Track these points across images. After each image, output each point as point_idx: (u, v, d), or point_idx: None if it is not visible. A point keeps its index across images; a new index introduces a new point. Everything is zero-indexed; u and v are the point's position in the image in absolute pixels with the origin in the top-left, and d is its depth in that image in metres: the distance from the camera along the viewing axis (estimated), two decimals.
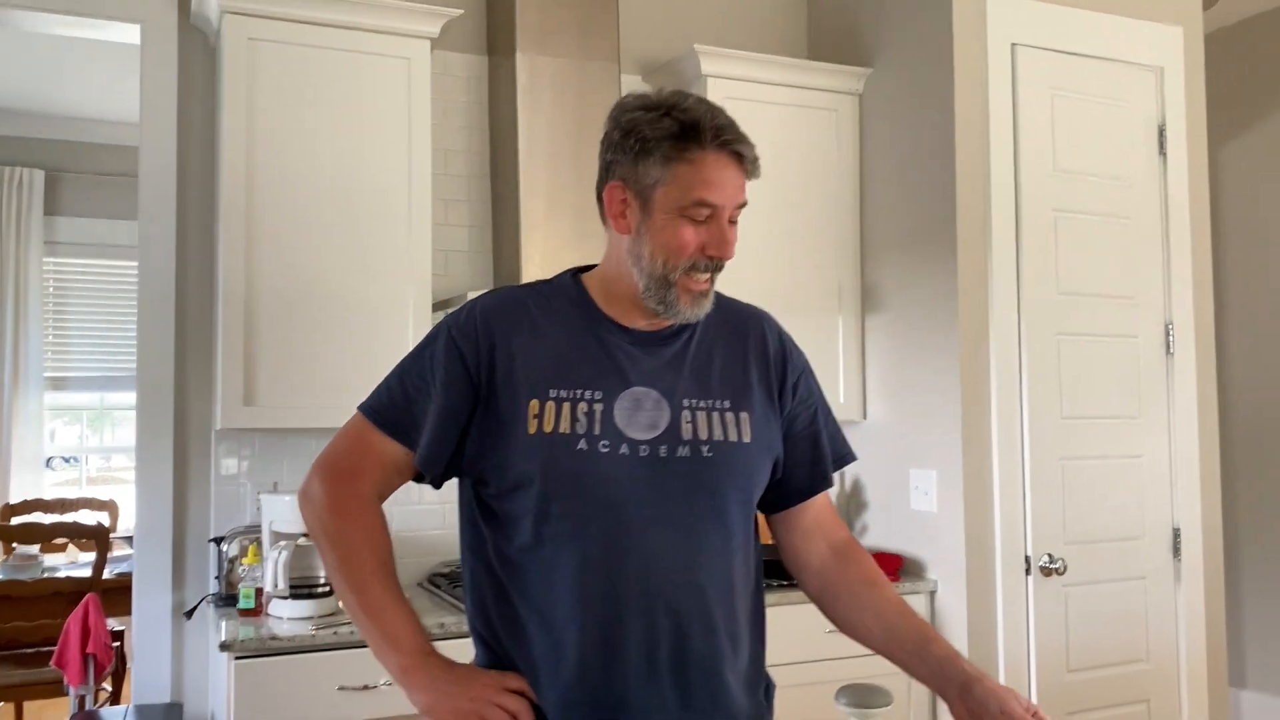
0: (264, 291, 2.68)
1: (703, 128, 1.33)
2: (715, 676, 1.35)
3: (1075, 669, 3.03)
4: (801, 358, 1.54)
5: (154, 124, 2.88)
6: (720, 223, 1.36)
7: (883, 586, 1.45)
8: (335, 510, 1.40)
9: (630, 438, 1.34)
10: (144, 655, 2.80)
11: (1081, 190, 3.13)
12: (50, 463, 6.06)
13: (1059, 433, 3.05)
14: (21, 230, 5.61)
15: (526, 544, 1.34)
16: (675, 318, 1.38)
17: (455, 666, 1.36)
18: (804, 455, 1.49)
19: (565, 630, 1.32)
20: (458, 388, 1.37)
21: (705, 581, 1.34)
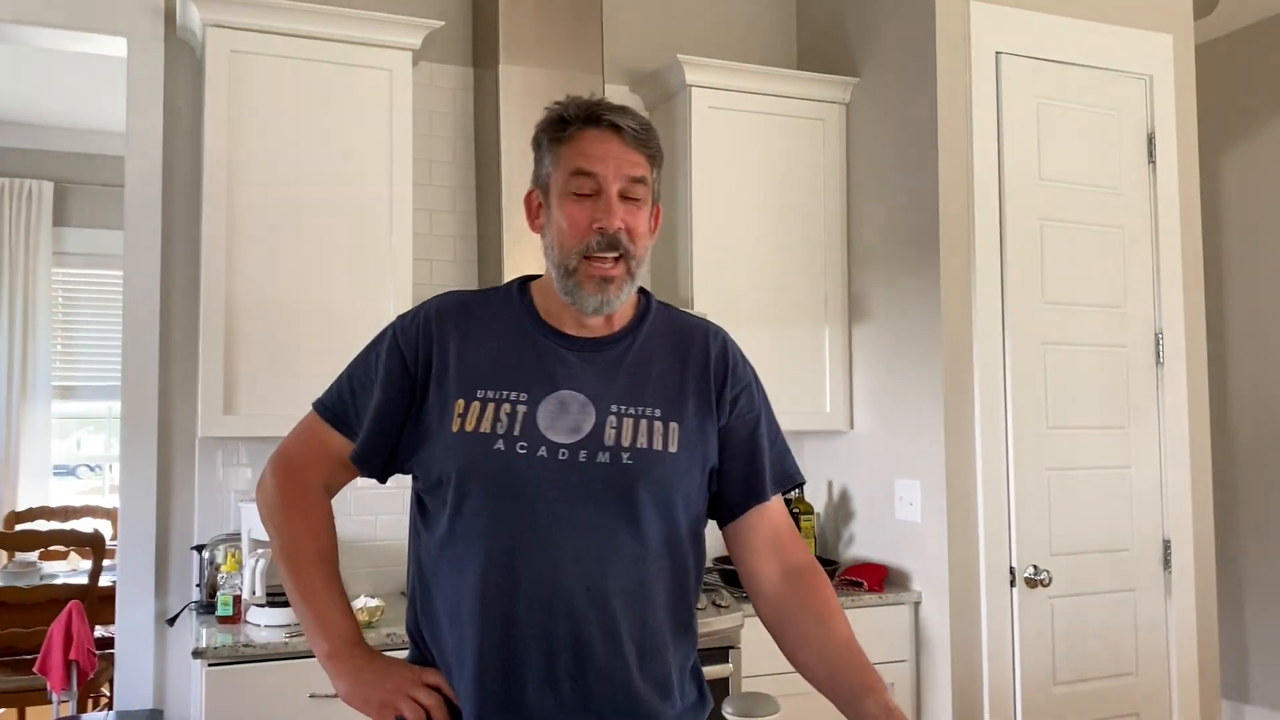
0: (245, 301, 2.70)
1: (578, 109, 1.38)
2: (617, 684, 1.33)
3: (1062, 682, 3.00)
4: (748, 374, 1.51)
5: (140, 136, 2.91)
6: (607, 196, 1.36)
7: (832, 622, 1.40)
8: (283, 502, 1.46)
9: (550, 440, 1.34)
10: (127, 662, 2.82)
11: (1068, 199, 3.11)
12: (76, 470, 6.13)
13: (1044, 443, 3.03)
14: (31, 241, 5.68)
15: (443, 540, 1.36)
16: (584, 309, 1.38)
17: (378, 658, 1.40)
18: (740, 469, 1.47)
19: (468, 628, 1.33)
20: (396, 385, 1.41)
21: (611, 588, 1.32)
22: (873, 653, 2.96)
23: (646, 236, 1.43)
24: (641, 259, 1.41)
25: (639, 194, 1.39)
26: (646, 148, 1.40)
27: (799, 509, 3.34)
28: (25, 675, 3.77)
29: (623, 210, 1.37)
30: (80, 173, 5.80)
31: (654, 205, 1.47)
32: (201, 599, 2.77)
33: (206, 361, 2.67)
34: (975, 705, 2.93)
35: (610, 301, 1.39)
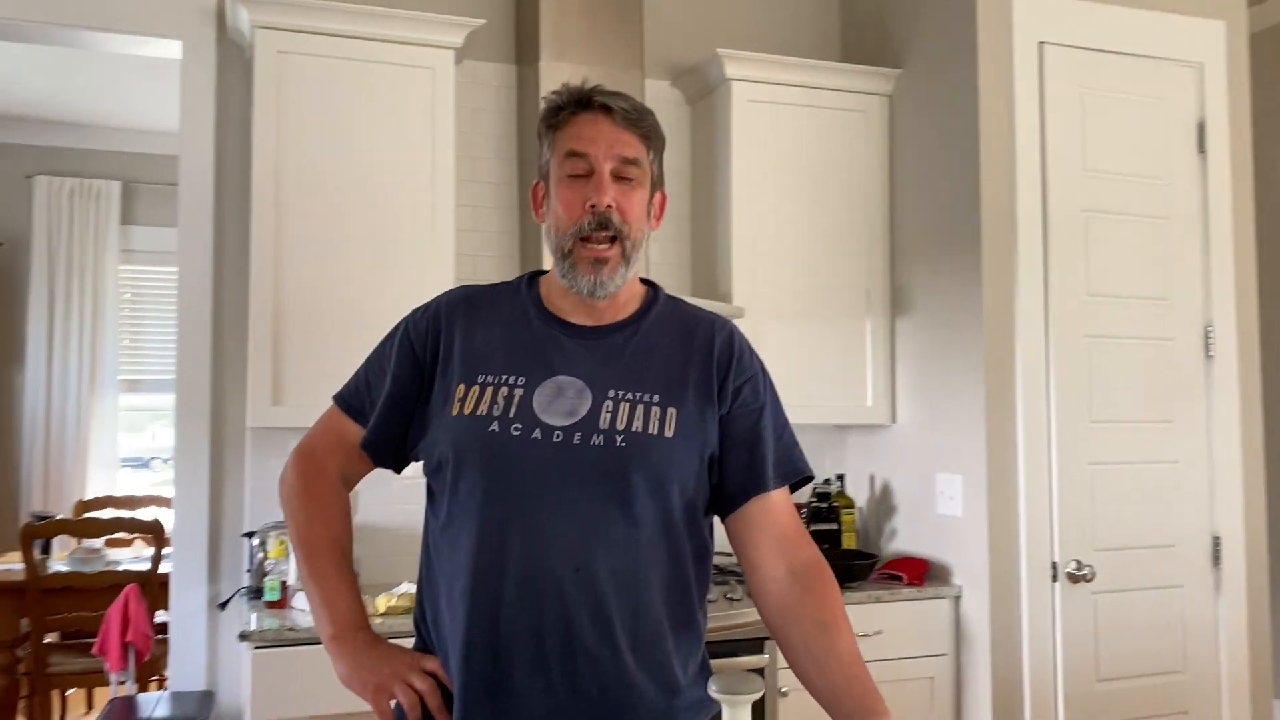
0: (292, 295, 2.77)
1: (570, 95, 1.42)
2: (608, 668, 1.33)
3: (1106, 678, 2.97)
4: (754, 365, 1.50)
5: (193, 136, 3.01)
6: (599, 175, 1.38)
7: (836, 635, 1.36)
8: (301, 490, 1.50)
9: (545, 423, 1.35)
10: (181, 645, 2.92)
11: (1114, 190, 3.07)
12: (149, 463, 6.32)
13: (1088, 437, 2.99)
14: (99, 239, 5.87)
15: (443, 522, 1.39)
16: (579, 291, 1.40)
17: (380, 644, 1.43)
18: (741, 458, 1.45)
19: (459, 608, 1.34)
20: (405, 375, 1.45)
21: (600, 571, 1.32)
22: (912, 646, 2.98)
23: (643, 219, 1.44)
24: (638, 241, 1.42)
25: (632, 174, 1.40)
26: (638, 128, 1.41)
27: (840, 503, 3.34)
28: (92, 658, 3.92)
29: (615, 190, 1.38)
30: (145, 172, 5.97)
31: (655, 192, 1.48)
32: (251, 584, 2.86)
33: (255, 355, 2.75)
34: (1016, 699, 2.91)
35: (604, 284, 1.39)
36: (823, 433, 3.60)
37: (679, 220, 3.49)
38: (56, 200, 5.79)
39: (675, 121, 3.50)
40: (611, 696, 1.33)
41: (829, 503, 3.33)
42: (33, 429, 5.71)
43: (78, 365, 5.77)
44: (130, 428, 6.24)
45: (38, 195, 5.77)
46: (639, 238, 1.43)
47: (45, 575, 3.91)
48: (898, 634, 2.95)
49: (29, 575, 3.83)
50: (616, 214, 1.38)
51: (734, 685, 0.91)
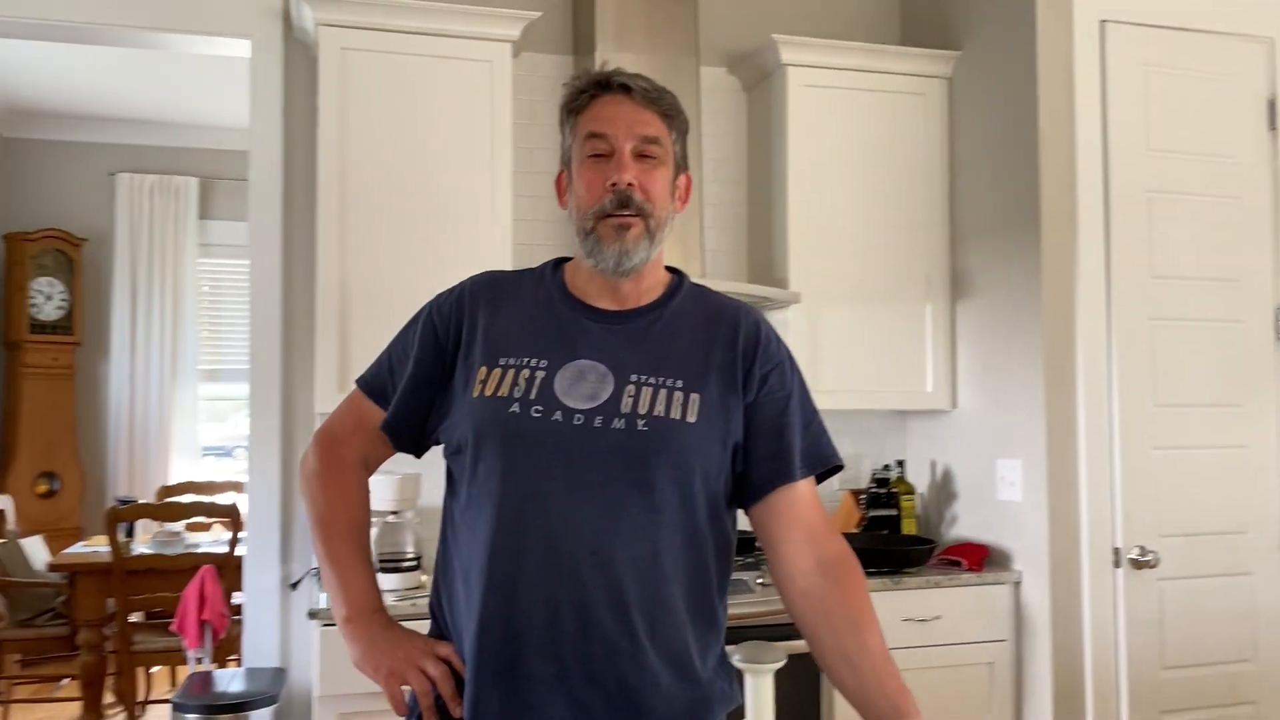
0: (356, 285, 2.85)
1: (589, 79, 1.42)
2: (623, 655, 1.30)
3: (1171, 666, 2.93)
4: (780, 353, 1.47)
5: (262, 132, 3.11)
6: (619, 154, 1.38)
7: (867, 634, 1.34)
8: (321, 473, 1.50)
9: (566, 406, 1.34)
10: (255, 623, 3.03)
11: (1178, 170, 3.01)
12: (232, 452, 6.53)
13: (1152, 421, 2.95)
14: (178, 234, 6.07)
15: (463, 504, 1.38)
16: (605, 265, 1.39)
17: (394, 628, 1.42)
18: (767, 447, 1.42)
19: (475, 591, 1.32)
20: (428, 358, 1.45)
21: (619, 555, 1.30)
22: (971, 632, 2.97)
23: (667, 199, 1.42)
24: (662, 220, 1.41)
25: (654, 153, 1.39)
26: (658, 106, 1.41)
27: (900, 489, 3.34)
28: (174, 636, 4.08)
29: (637, 169, 1.38)
30: (221, 168, 6.16)
31: (680, 173, 1.46)
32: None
33: (322, 343, 2.84)
34: (1077, 686, 2.88)
35: (629, 253, 1.38)
36: (883, 418, 3.59)
37: (736, 206, 3.51)
38: (138, 197, 6.01)
39: (732, 108, 3.51)
40: (628, 684, 1.30)
41: (889, 489, 3.32)
42: (118, 418, 5.93)
43: (159, 356, 5.99)
44: (213, 417, 6.44)
45: (120, 192, 5.99)
46: (663, 216, 1.41)
47: (129, 557, 4.08)
48: (957, 619, 2.94)
49: (114, 557, 3.99)
50: (638, 191, 1.37)
51: (756, 654, 0.93)
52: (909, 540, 3.21)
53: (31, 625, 4.37)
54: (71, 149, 6.01)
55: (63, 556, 4.33)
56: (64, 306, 5.78)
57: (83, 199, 6.01)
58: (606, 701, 1.30)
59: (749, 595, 2.77)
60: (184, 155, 6.14)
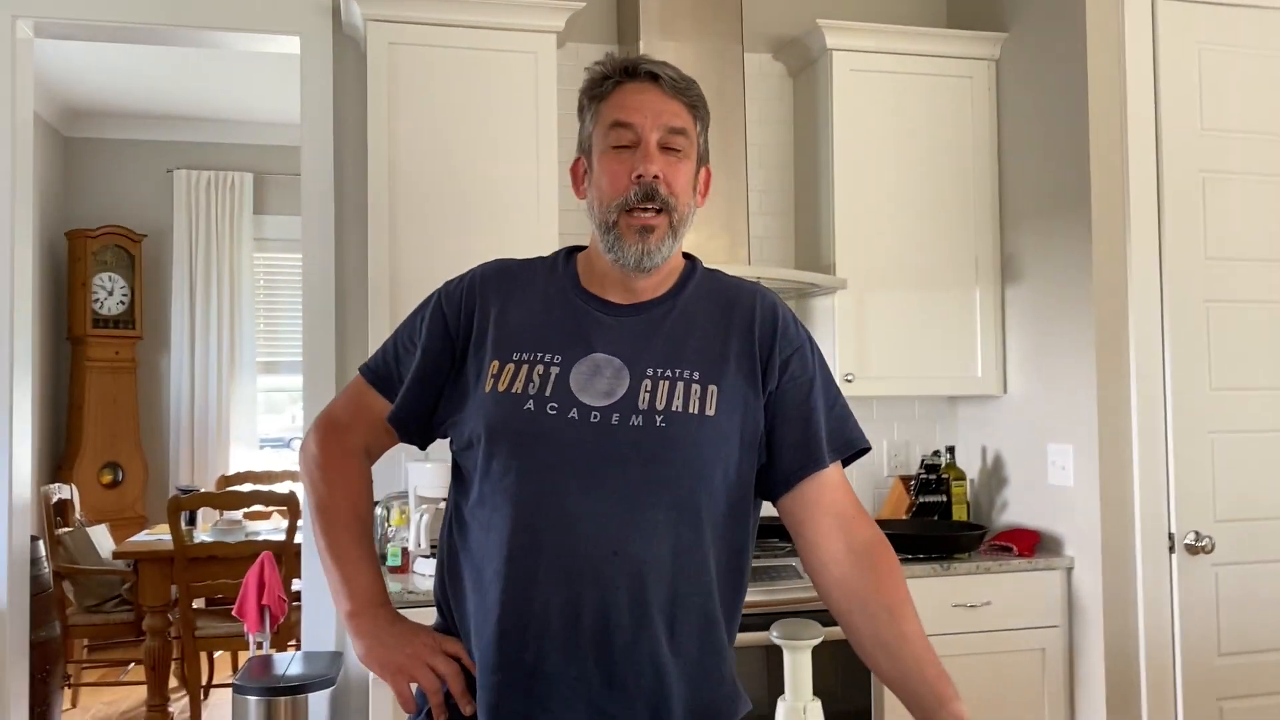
0: (406, 276, 2.90)
1: (615, 64, 1.37)
2: (642, 656, 1.26)
3: (1228, 653, 2.89)
4: (800, 336, 1.42)
5: (313, 127, 3.16)
6: (645, 144, 1.33)
7: (904, 621, 1.29)
8: (323, 463, 1.45)
9: (582, 403, 1.30)
10: (312, 608, 3.10)
11: (1233, 149, 2.96)
12: (290, 443, 6.65)
13: (1208, 405, 2.90)
14: (235, 228, 6.19)
15: (473, 502, 1.34)
16: (625, 263, 1.34)
17: (400, 622, 1.38)
18: (793, 436, 1.37)
19: (490, 591, 1.29)
20: (437, 348, 1.40)
21: (640, 555, 1.26)
22: (1022, 618, 2.96)
23: (689, 193, 1.37)
24: (684, 216, 1.36)
25: (679, 145, 1.35)
26: (686, 96, 1.36)
27: (950, 475, 3.32)
28: (235, 621, 4.18)
29: (662, 162, 1.33)
30: (275, 163, 6.27)
31: (701, 166, 1.42)
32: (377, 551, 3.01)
33: (375, 335, 2.88)
34: (1131, 672, 2.86)
35: (651, 253, 1.33)
36: (932, 404, 3.57)
37: (782, 193, 3.50)
38: (194, 193, 6.13)
39: (777, 95, 3.51)
40: (647, 686, 1.27)
41: (938, 475, 3.31)
42: (178, 409, 6.07)
43: (217, 349, 6.11)
44: (270, 409, 6.57)
45: (177, 189, 6.12)
46: (685, 212, 1.36)
47: (191, 545, 4.18)
48: (1008, 606, 2.92)
49: (176, 545, 4.09)
50: (663, 186, 1.32)
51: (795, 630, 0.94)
52: (959, 526, 3.19)
53: (99, 611, 4.51)
54: (130, 147, 6.15)
55: (127, 545, 4.45)
56: (125, 301, 5.92)
57: (141, 196, 6.15)
58: (627, 704, 1.27)
59: (798, 581, 2.77)
60: (238, 151, 6.26)
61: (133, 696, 4.90)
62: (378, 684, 2.54)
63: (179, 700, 4.76)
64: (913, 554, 2.93)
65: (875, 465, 3.52)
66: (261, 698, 2.77)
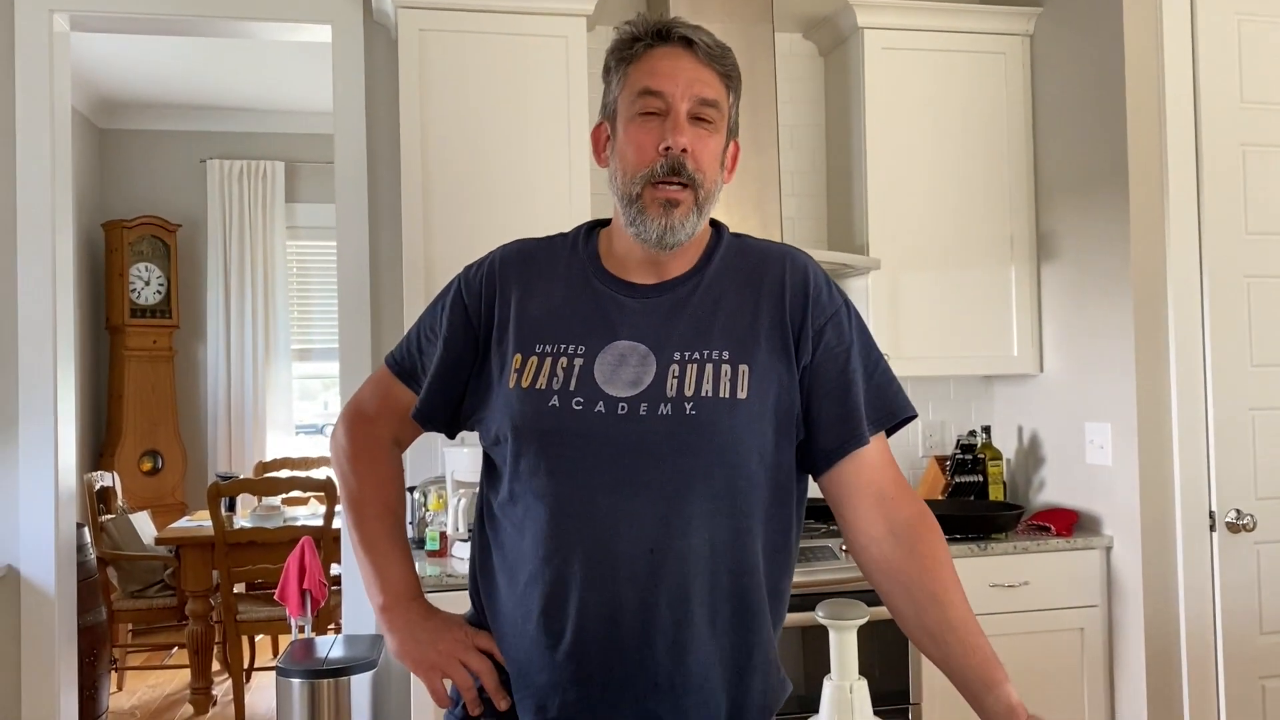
0: (440, 263, 2.91)
1: (647, 26, 1.29)
2: (685, 653, 1.23)
3: (1270, 631, 2.86)
4: (835, 301, 1.34)
5: (346, 115, 3.18)
6: (675, 114, 1.25)
7: (948, 605, 1.24)
8: (352, 454, 1.43)
9: (609, 395, 1.24)
10: (352, 592, 3.14)
11: (1274, 122, 2.91)
12: (324, 429, 6.71)
13: (1249, 381, 2.87)
14: (267, 217, 6.24)
15: (504, 500, 1.30)
16: (648, 238, 1.27)
17: (435, 616, 1.36)
18: (832, 411, 1.30)
19: (528, 594, 1.25)
20: (459, 339, 1.36)
21: (678, 551, 1.22)
22: (1061, 597, 2.95)
23: (716, 169, 1.30)
24: (711, 193, 1.29)
25: (710, 117, 1.28)
26: (721, 65, 1.28)
27: (986, 455, 3.30)
28: (276, 605, 4.24)
29: (691, 134, 1.26)
30: (307, 152, 6.30)
31: (730, 141, 1.34)
32: (414, 535, 3.04)
33: (410, 321, 2.90)
34: (1171, 651, 2.84)
35: (675, 229, 1.26)
36: (969, 384, 3.55)
37: (815, 173, 3.49)
38: (227, 182, 6.18)
39: (808, 74, 3.49)
40: (691, 683, 1.24)
41: (974, 455, 3.29)
42: (215, 397, 6.15)
43: (252, 337, 6.17)
44: (304, 395, 6.63)
45: (211, 178, 6.17)
46: (712, 189, 1.29)
47: (231, 531, 4.24)
48: (1046, 585, 2.91)
49: (217, 531, 4.15)
50: (690, 160, 1.25)
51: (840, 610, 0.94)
52: (996, 506, 3.18)
53: (142, 596, 4.58)
54: (164, 138, 6.21)
55: (169, 531, 4.53)
56: (162, 290, 5.98)
57: (176, 186, 6.21)
58: (674, 702, 1.24)
59: (835, 562, 2.78)
60: (270, 140, 6.30)
61: (177, 680, 4.98)
62: None
63: (222, 683, 4.84)
64: (949, 534, 2.93)
65: (911, 445, 3.51)
66: (305, 680, 2.81)
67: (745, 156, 3.04)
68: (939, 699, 2.78)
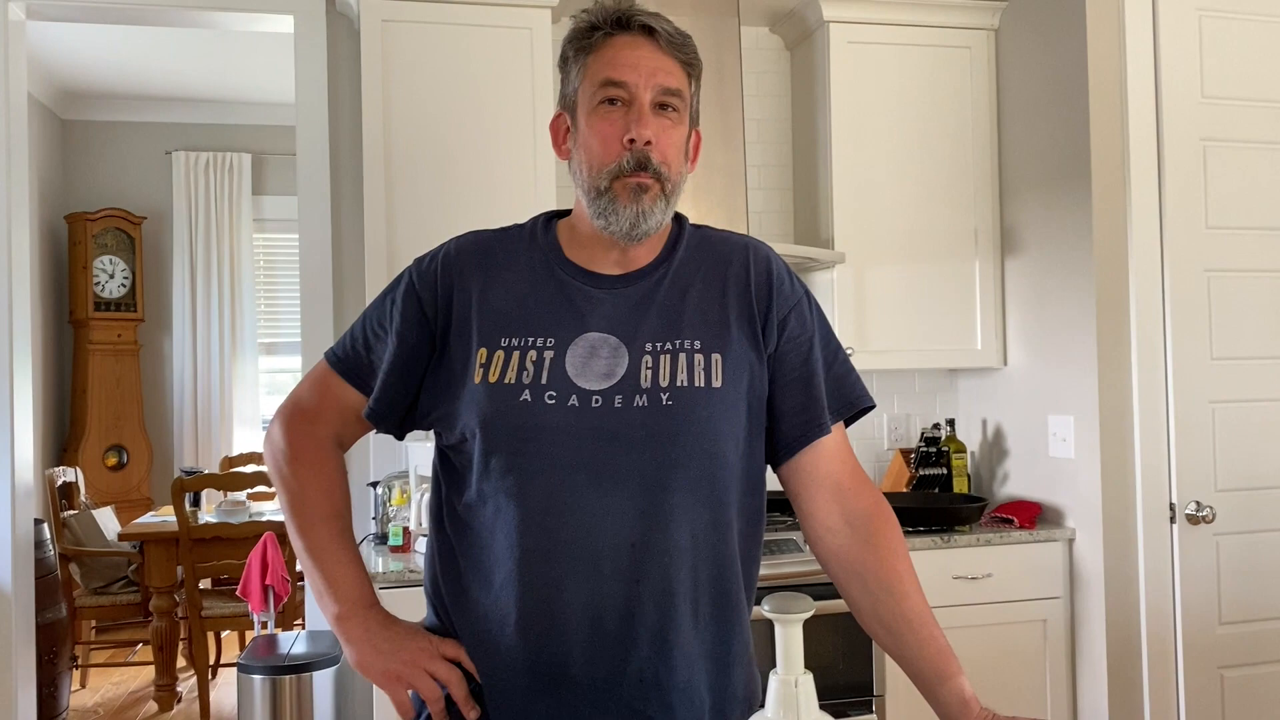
0: (404, 255, 2.89)
1: (606, 14, 1.26)
2: (670, 648, 1.22)
3: (1228, 621, 2.89)
4: (797, 291, 1.34)
5: (308, 106, 3.15)
6: (639, 105, 1.23)
7: (902, 596, 1.24)
8: (292, 456, 1.33)
9: (581, 388, 1.22)
10: None
11: (1234, 117, 2.94)
12: None
13: (1208, 375, 2.90)
14: (234, 209, 6.18)
15: (471, 500, 1.25)
16: (619, 229, 1.24)
17: (394, 624, 1.29)
18: (795, 400, 1.30)
19: (504, 593, 1.22)
20: (414, 334, 1.30)
21: (660, 544, 1.21)
22: (1024, 589, 2.96)
23: (680, 160, 1.28)
24: (677, 184, 1.27)
25: (675, 106, 1.26)
26: (682, 53, 1.26)
27: (951, 448, 3.32)
28: (241, 601, 4.20)
29: (655, 125, 1.23)
30: (274, 144, 6.25)
31: (692, 129, 1.32)
32: (377, 530, 3.02)
33: None
34: (1133, 642, 2.86)
35: (645, 215, 1.24)
36: (933, 377, 3.57)
37: (781, 167, 3.49)
38: (194, 174, 6.12)
39: (774, 68, 3.49)
40: (676, 678, 1.23)
41: (939, 447, 3.31)
42: (181, 391, 6.09)
43: (219, 330, 6.12)
44: (272, 390, 6.58)
45: (176, 170, 6.11)
46: (678, 179, 1.27)
47: (196, 526, 4.20)
48: (1009, 577, 2.93)
49: (181, 527, 4.11)
50: (656, 153, 1.23)
51: (786, 604, 0.94)
52: (960, 499, 3.20)
53: (105, 593, 4.53)
54: (128, 129, 6.14)
55: (133, 526, 4.48)
56: (126, 284, 5.92)
57: (140, 178, 6.14)
58: (660, 698, 1.22)
59: (799, 555, 2.78)
60: (236, 132, 6.24)
61: (141, 676, 4.94)
62: None
63: (187, 680, 4.80)
64: (913, 526, 2.94)
65: (876, 438, 3.53)
66: (266, 676, 2.79)
67: (711, 150, 3.03)
68: (902, 691, 2.79)
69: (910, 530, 2.92)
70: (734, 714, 1.29)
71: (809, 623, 2.08)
